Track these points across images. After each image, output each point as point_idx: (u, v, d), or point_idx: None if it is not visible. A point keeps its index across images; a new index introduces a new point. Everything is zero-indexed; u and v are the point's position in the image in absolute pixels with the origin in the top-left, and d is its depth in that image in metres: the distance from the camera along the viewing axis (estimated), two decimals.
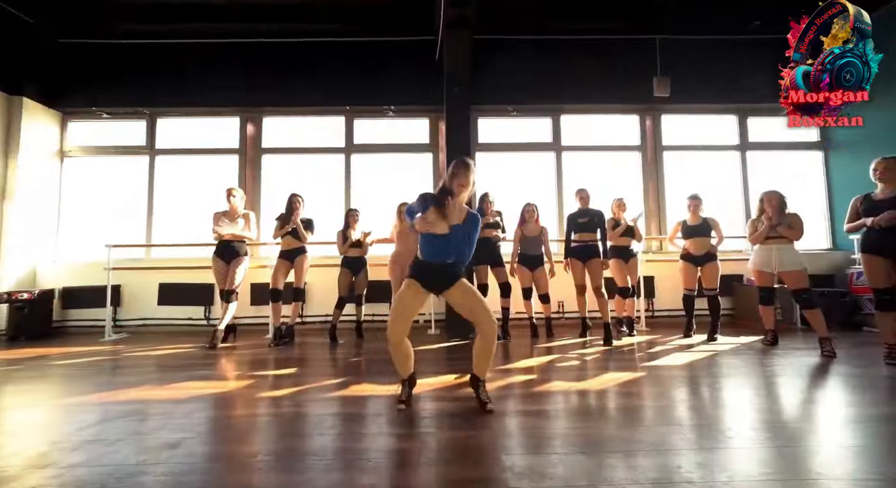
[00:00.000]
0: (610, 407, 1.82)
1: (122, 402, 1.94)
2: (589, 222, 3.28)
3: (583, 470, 1.25)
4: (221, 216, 3.44)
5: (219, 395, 2.03)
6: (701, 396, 1.97)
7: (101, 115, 4.39)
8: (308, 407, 1.85)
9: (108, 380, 2.34)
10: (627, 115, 4.64)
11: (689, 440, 1.45)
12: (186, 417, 1.73)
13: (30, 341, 3.62)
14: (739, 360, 2.58)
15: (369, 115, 4.54)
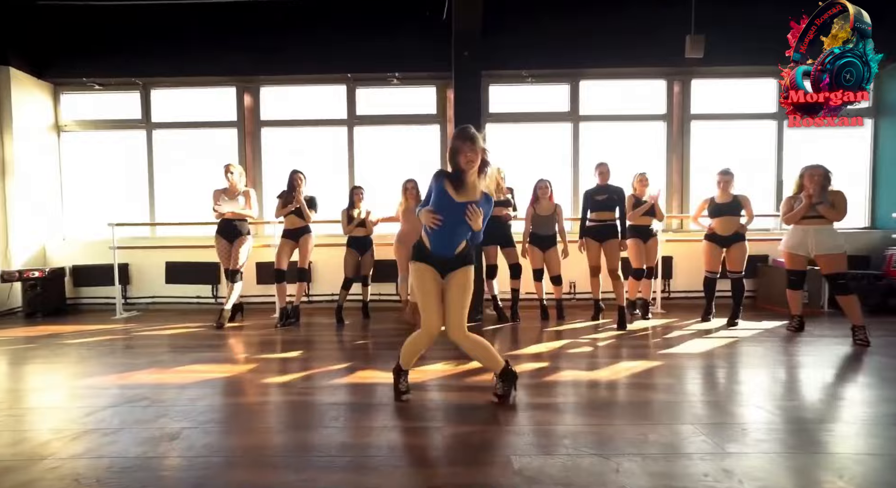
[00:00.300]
0: (624, 401, 1.73)
1: (128, 386, 1.93)
2: (608, 199, 3.06)
3: (597, 475, 1.16)
4: (221, 193, 3.33)
5: (222, 381, 2.01)
6: (722, 390, 1.86)
7: (92, 87, 4.19)
8: (312, 396, 1.81)
9: (116, 362, 2.35)
10: (654, 79, 4.22)
11: (712, 443, 1.35)
12: (190, 404, 1.71)
13: (46, 318, 3.69)
14: (763, 348, 2.45)
15: (372, 84, 4.23)
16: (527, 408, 1.64)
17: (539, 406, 1.67)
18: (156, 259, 4.10)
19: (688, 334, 2.81)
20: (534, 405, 1.68)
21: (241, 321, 3.50)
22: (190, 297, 4.13)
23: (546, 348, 2.52)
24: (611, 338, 2.74)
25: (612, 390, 1.83)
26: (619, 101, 4.25)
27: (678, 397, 1.74)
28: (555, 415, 1.58)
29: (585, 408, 1.65)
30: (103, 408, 1.68)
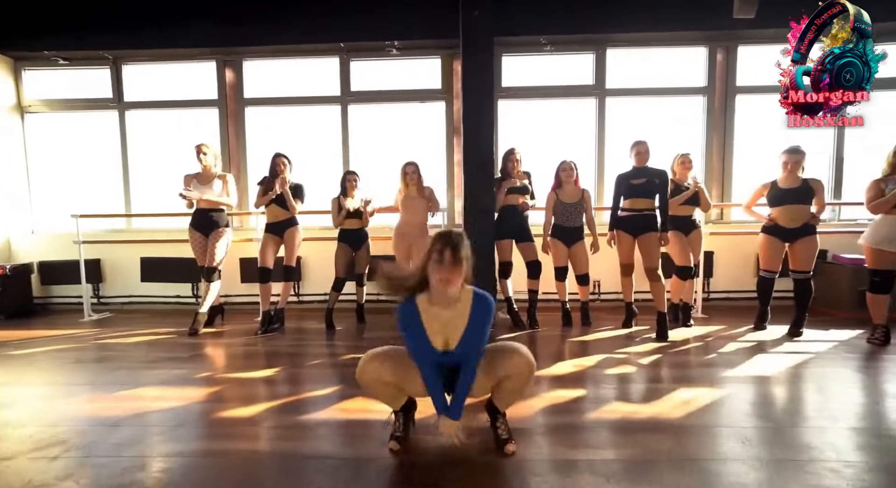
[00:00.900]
0: (704, 456, 1.25)
1: (49, 423, 1.51)
2: (647, 184, 2.55)
3: None
4: (192, 179, 2.89)
5: (169, 414, 1.58)
6: (831, 435, 1.38)
7: (57, 62, 3.75)
8: (284, 443, 1.37)
9: (52, 382, 1.94)
10: (693, 46, 3.64)
11: None
12: (112, 454, 1.28)
13: (9, 320, 3.33)
14: (851, 370, 1.95)
15: (369, 55, 3.72)
16: (557, 469, 1.18)
17: (575, 464, 1.21)
18: (131, 254, 3.69)
19: (746, 347, 2.32)
20: (565, 462, 1.21)
21: (222, 325, 3.09)
22: (168, 297, 3.73)
23: (573, 367, 2.05)
24: (652, 351, 2.27)
25: (682, 436, 1.36)
26: (651, 72, 3.68)
27: (781, 453, 1.27)
28: (597, 479, 1.11)
29: (641, 467, 1.18)
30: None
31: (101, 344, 2.62)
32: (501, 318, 3.01)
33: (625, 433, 1.38)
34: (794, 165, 2.47)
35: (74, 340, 2.70)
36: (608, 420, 1.47)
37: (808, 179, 2.49)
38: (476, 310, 1.18)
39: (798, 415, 1.49)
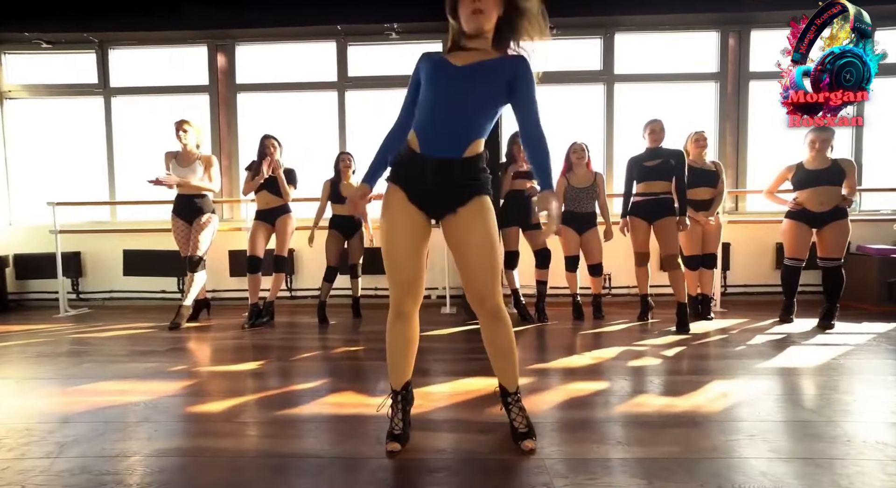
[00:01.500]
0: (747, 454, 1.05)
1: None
2: (662, 165, 2.38)
3: None
4: (172, 158, 2.69)
5: (129, 409, 1.37)
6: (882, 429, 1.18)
7: (39, 45, 3.58)
8: (254, 441, 1.16)
9: (8, 376, 1.72)
10: (704, 31, 3.51)
11: None
12: (53, 450, 1.07)
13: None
14: (894, 361, 1.76)
15: (367, 40, 3.57)
16: (583, 467, 0.98)
17: (602, 463, 1.00)
18: (113, 246, 3.49)
19: (776, 339, 2.12)
20: (594, 461, 1.01)
21: (207, 320, 2.88)
22: (153, 291, 3.51)
23: (590, 359, 1.85)
24: (674, 343, 2.07)
25: (713, 427, 1.15)
26: (662, 57, 3.54)
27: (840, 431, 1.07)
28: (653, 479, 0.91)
29: (684, 464, 0.98)
30: None
31: (73, 338, 2.40)
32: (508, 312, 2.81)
33: (660, 427, 1.18)
34: (823, 144, 2.31)
35: (44, 335, 2.48)
36: (637, 413, 1.27)
37: (838, 159, 2.32)
38: (504, 60, 1.00)
39: (846, 407, 1.29)
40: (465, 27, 0.97)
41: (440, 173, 0.98)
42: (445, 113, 0.99)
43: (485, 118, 1.01)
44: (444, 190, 1.00)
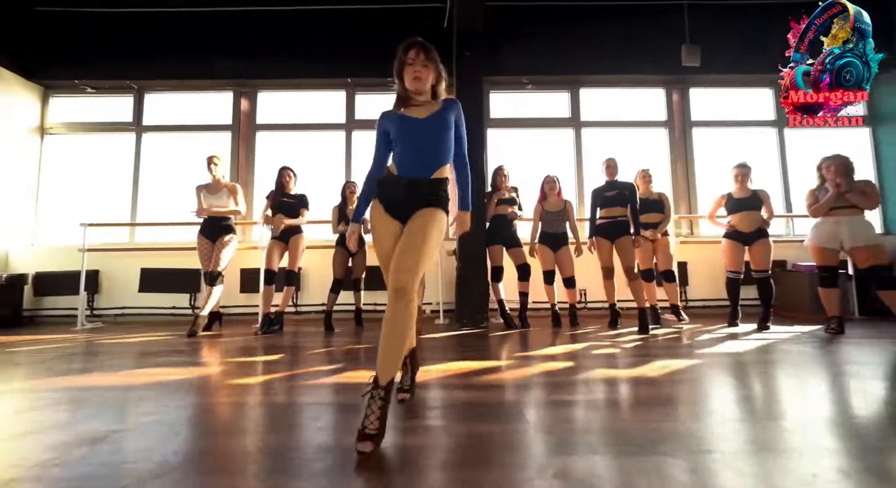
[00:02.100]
0: (665, 396, 1.40)
1: (55, 389, 1.56)
2: (619, 195, 2.89)
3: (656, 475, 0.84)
4: (203, 189, 3.10)
5: (179, 382, 1.65)
6: (775, 385, 1.55)
7: (85, 90, 4.10)
8: (288, 396, 1.46)
9: (54, 368, 1.97)
10: (653, 87, 4.26)
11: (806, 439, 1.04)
12: (132, 406, 1.35)
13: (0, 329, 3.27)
14: (810, 349, 2.15)
15: (372, 90, 4.20)
16: (550, 406, 1.31)
17: (564, 403, 1.34)
18: (130, 265, 3.76)
19: (719, 337, 2.51)
20: (556, 402, 1.35)
21: (219, 331, 3.12)
22: (164, 308, 3.75)
23: (563, 350, 2.20)
24: (635, 339, 2.43)
25: (651, 386, 1.51)
26: (620, 107, 4.25)
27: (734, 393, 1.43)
28: (591, 412, 1.25)
29: (628, 407, 1.32)
30: (17, 412, 1.31)
31: (101, 342, 2.62)
32: (494, 322, 3.15)
33: (610, 385, 1.52)
34: (744, 177, 2.87)
35: (71, 342, 2.70)
36: (595, 377, 1.61)
37: (756, 190, 2.87)
38: (446, 104, 1.27)
39: (769, 379, 1.66)
40: (408, 87, 1.25)
41: (410, 189, 1.22)
42: (419, 152, 1.24)
43: (447, 149, 1.28)
44: (412, 201, 1.22)
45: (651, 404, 1.32)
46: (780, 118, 4.25)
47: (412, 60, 1.24)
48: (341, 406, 1.35)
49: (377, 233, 1.26)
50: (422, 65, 1.24)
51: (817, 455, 0.94)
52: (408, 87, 1.26)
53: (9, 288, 3.45)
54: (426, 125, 1.26)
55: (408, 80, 1.25)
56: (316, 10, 4.08)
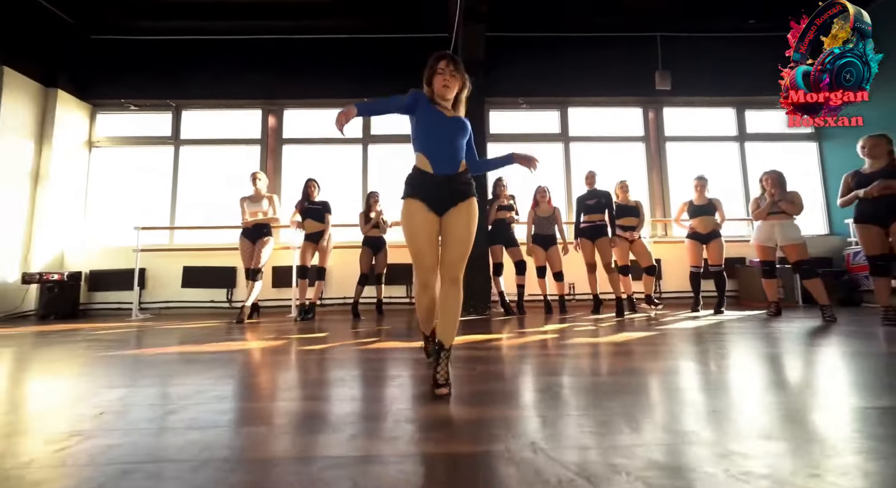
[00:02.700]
0: (623, 352, 1.96)
1: (153, 356, 2.07)
2: (598, 202, 3.46)
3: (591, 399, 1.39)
4: (247, 200, 3.61)
5: (266, 348, 2.17)
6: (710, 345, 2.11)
7: (128, 107, 4.59)
8: (333, 355, 1.99)
9: (140, 342, 2.47)
10: (631, 107, 4.86)
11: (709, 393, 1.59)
12: (239, 364, 1.87)
13: (59, 320, 3.74)
14: (746, 325, 2.73)
15: None
16: (536, 356, 1.86)
17: (549, 360, 1.89)
18: (173, 264, 4.25)
19: (679, 319, 3.08)
20: (544, 359, 1.90)
21: (258, 320, 3.62)
22: (203, 301, 4.24)
23: (552, 327, 2.75)
24: (611, 321, 2.99)
25: (613, 347, 2.06)
26: (603, 124, 4.85)
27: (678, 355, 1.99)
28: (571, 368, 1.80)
29: (589, 355, 1.87)
30: (143, 368, 1.82)
31: (161, 328, 3.12)
32: (495, 311, 3.69)
33: (581, 347, 2.07)
34: (702, 187, 3.46)
35: (134, 328, 3.19)
36: (573, 343, 2.17)
37: (711, 198, 3.46)
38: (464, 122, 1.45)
39: (711, 339, 2.22)
40: (437, 92, 1.40)
41: (446, 184, 1.38)
42: (446, 146, 1.39)
43: (463, 149, 1.46)
44: (448, 194, 1.38)
45: (608, 355, 1.87)
46: (742, 134, 4.88)
47: (442, 70, 1.40)
48: (376, 360, 1.88)
49: (415, 226, 1.36)
50: (450, 74, 1.40)
51: (726, 388, 1.50)
52: (437, 92, 1.41)
53: (70, 284, 3.93)
54: (453, 123, 1.42)
55: (437, 87, 1.40)
56: (334, 39, 4.63)
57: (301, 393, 1.33)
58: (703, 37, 4.73)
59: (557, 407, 1.15)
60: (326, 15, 4.44)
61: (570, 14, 4.55)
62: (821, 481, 0.72)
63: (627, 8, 4.51)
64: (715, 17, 4.56)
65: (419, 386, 1.38)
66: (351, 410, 1.15)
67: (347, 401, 1.24)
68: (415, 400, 1.24)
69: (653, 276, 3.64)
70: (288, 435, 0.98)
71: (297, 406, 1.21)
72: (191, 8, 4.35)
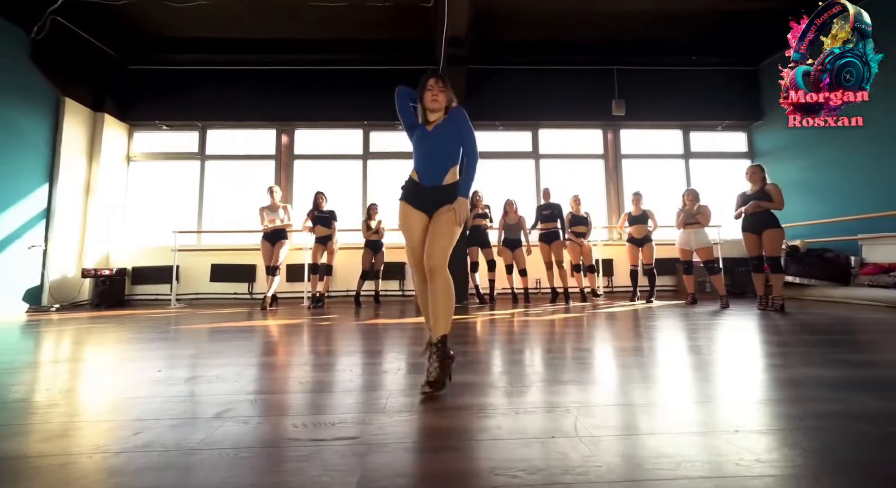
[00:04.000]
0: (556, 325, 2.76)
1: (201, 332, 2.85)
2: (552, 213, 4.30)
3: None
4: (266, 209, 4.38)
5: (268, 328, 2.95)
6: (630, 320, 2.92)
7: (161, 127, 5.34)
8: (341, 324, 2.78)
9: (187, 321, 3.25)
10: (592, 129, 5.68)
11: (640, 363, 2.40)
12: (278, 335, 2.65)
13: (109, 308, 4.50)
14: (664, 311, 3.55)
15: (383, 129, 5.53)
16: (496, 331, 2.66)
17: (502, 331, 2.69)
18: (202, 261, 5.02)
19: (613, 306, 3.90)
20: (501, 331, 2.70)
21: (276, 308, 4.41)
22: (228, 294, 5.01)
23: (516, 311, 3.56)
24: (559, 308, 3.81)
25: (547, 322, 2.87)
26: (569, 143, 5.66)
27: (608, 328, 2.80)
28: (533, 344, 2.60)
29: (528, 326, 2.68)
30: (200, 337, 2.60)
31: (199, 314, 3.90)
32: (471, 302, 4.50)
33: (526, 322, 2.88)
34: (637, 201, 4.28)
35: (171, 314, 3.96)
36: (530, 320, 2.97)
37: (645, 210, 4.28)
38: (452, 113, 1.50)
39: (633, 321, 3.02)
40: (427, 107, 1.50)
41: (433, 193, 1.48)
42: (430, 161, 1.49)
43: (449, 156, 1.49)
44: (434, 202, 1.48)
45: (540, 325, 2.68)
46: (688, 152, 5.71)
47: (431, 86, 1.50)
48: (377, 330, 2.67)
49: (409, 225, 1.49)
50: (439, 90, 1.50)
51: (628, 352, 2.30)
52: (427, 107, 1.51)
53: (118, 278, 4.69)
54: (432, 138, 1.49)
55: (427, 102, 1.50)
56: (341, 70, 5.39)
57: (314, 357, 2.12)
58: (653, 70, 5.54)
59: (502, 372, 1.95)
60: (337, 50, 5.20)
61: (540, 51, 5.34)
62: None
63: (589, 46, 5.31)
64: (663, 54, 5.37)
65: (408, 355, 2.16)
66: (356, 362, 1.94)
67: (355, 355, 2.03)
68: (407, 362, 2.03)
69: (594, 273, 4.46)
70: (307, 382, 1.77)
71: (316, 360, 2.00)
72: (214, 43, 5.09)
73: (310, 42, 5.08)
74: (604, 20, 4.70)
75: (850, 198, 4.35)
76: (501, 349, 1.99)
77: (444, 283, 1.40)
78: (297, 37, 5.00)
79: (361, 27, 4.76)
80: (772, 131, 5.38)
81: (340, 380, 1.50)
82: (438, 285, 1.40)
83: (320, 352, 1.97)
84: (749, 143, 5.64)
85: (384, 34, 4.88)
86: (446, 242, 1.43)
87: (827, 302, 3.89)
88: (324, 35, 4.91)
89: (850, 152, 4.36)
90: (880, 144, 4.01)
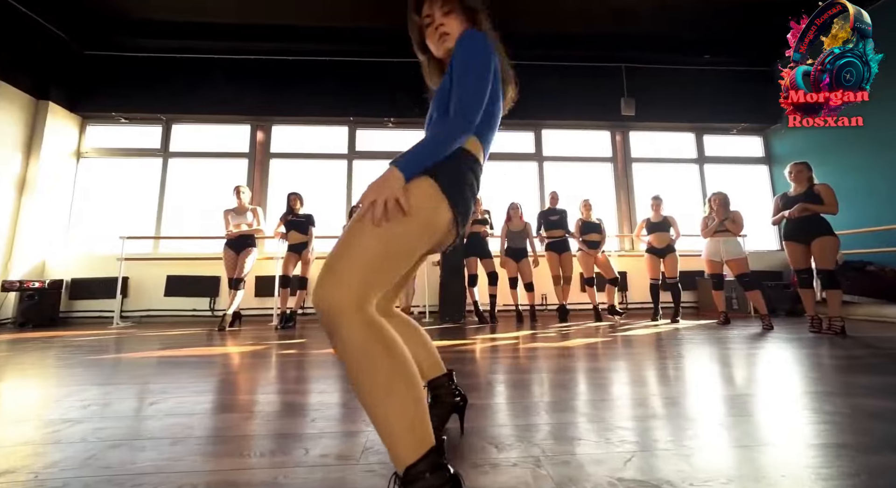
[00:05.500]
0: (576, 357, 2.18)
1: (135, 360, 2.19)
2: (559, 219, 3.79)
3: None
4: (231, 212, 3.76)
5: (213, 357, 2.31)
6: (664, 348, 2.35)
7: (119, 120, 4.72)
8: (311, 350, 2.15)
9: (119, 347, 2.57)
10: (600, 130, 5.24)
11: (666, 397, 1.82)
12: (222, 367, 2.01)
13: (37, 328, 3.76)
14: (697, 334, 2.99)
15: (371, 126, 5.00)
16: (499, 357, 2.06)
17: (506, 357, 2.09)
18: (157, 272, 4.33)
19: (640, 326, 3.33)
20: (505, 357, 2.10)
21: (240, 328, 3.72)
22: (186, 310, 4.30)
23: (522, 333, 2.96)
24: (569, 328, 3.22)
25: (565, 352, 2.28)
26: (575, 145, 5.20)
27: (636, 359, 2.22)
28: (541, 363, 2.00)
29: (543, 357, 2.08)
30: (122, 371, 1.95)
31: (143, 336, 3.20)
32: (470, 320, 3.88)
33: (545, 351, 2.29)
34: (657, 206, 3.78)
35: (111, 336, 3.26)
36: (536, 348, 2.38)
37: (666, 216, 3.78)
38: (461, 37, 0.85)
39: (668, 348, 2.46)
40: (436, 54, 0.93)
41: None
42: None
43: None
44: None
45: (558, 357, 2.09)
46: (701, 157, 5.30)
47: (429, 15, 0.92)
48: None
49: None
50: (443, 15, 0.91)
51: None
52: (440, 57, 0.94)
53: (50, 291, 3.96)
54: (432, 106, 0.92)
55: (436, 47, 0.92)
56: (322, 61, 4.89)
57: (278, 389, 1.50)
58: (664, 68, 5.18)
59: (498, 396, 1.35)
60: (321, 39, 4.70)
61: (539, 45, 4.94)
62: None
63: (595, 40, 4.93)
64: (674, 51, 5.01)
65: None
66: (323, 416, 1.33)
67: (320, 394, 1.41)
68: None
69: (615, 287, 3.91)
70: (264, 421, 1.15)
71: (274, 399, 1.37)
72: (183, 28, 4.56)
73: (291, 29, 4.58)
74: (609, 12, 4.32)
75: (885, 205, 3.93)
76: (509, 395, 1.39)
77: (355, 346, 0.66)
78: (277, 23, 4.50)
79: (350, 15, 4.29)
80: (790, 135, 5.02)
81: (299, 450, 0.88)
82: (343, 351, 0.67)
83: (271, 402, 1.35)
84: (766, 148, 5.26)
85: (375, 23, 4.41)
86: (336, 257, 0.71)
87: (881, 322, 3.39)
88: (307, 22, 4.42)
89: (879, 156, 3.97)
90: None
